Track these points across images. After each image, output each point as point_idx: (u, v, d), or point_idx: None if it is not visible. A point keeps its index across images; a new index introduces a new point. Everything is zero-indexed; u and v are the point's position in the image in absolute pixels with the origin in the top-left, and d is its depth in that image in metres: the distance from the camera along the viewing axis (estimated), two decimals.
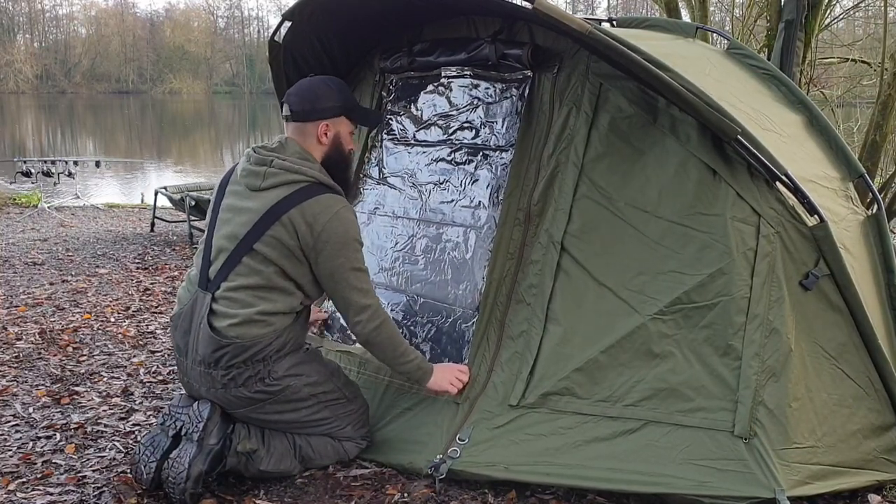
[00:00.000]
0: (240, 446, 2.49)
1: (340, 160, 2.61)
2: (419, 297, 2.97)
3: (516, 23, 2.83)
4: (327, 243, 2.43)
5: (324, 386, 2.57)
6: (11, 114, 39.53)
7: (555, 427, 2.49)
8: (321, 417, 2.59)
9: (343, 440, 2.64)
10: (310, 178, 2.48)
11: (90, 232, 8.04)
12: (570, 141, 2.64)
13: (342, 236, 2.44)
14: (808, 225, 2.44)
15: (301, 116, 2.55)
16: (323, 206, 2.44)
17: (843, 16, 7.82)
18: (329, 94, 2.56)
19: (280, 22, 3.09)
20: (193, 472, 2.39)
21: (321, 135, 2.55)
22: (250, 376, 2.45)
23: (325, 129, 2.55)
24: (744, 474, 2.27)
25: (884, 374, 2.53)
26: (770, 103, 3.07)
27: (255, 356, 2.44)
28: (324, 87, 2.58)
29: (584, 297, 2.56)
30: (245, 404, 2.49)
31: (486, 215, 2.84)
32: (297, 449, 2.59)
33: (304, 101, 2.55)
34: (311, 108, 2.54)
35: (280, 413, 2.54)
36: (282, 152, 2.53)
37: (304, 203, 2.43)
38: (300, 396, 2.53)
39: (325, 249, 2.43)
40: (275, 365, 2.47)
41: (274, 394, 2.49)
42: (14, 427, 3.05)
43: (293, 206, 2.42)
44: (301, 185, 2.46)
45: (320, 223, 2.42)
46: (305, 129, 2.55)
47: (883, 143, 5.05)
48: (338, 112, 2.57)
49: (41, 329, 4.32)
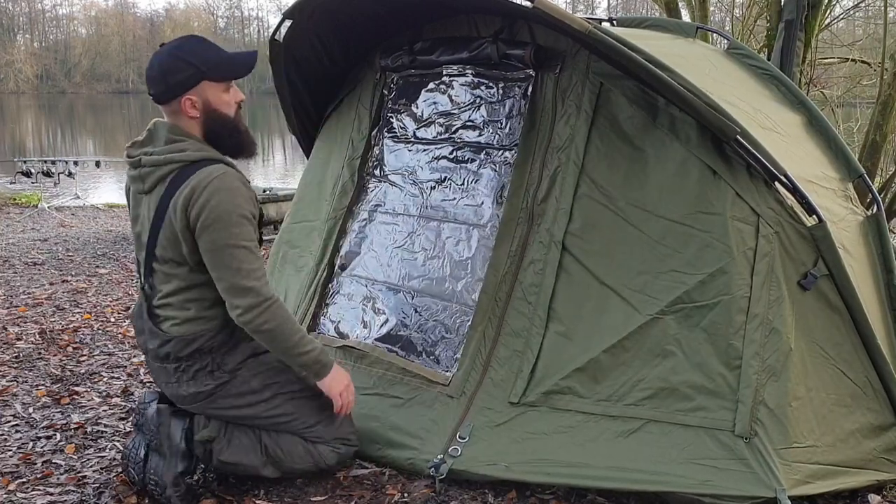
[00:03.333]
0: (197, 436, 2.43)
1: (222, 126, 2.40)
2: (418, 293, 2.97)
3: (517, 21, 2.84)
4: (201, 218, 2.25)
5: (280, 376, 2.45)
6: (11, 114, 39.53)
7: (556, 426, 2.50)
8: (283, 412, 2.46)
9: (316, 442, 2.49)
10: (178, 161, 2.31)
11: (90, 232, 8.04)
12: (571, 140, 2.64)
13: (216, 209, 2.24)
14: (807, 225, 2.44)
15: (160, 98, 2.36)
16: (196, 182, 2.26)
17: (843, 16, 7.82)
18: (177, 66, 2.33)
19: (281, 21, 3.09)
20: (168, 480, 2.40)
21: (188, 109, 2.34)
22: (198, 369, 2.38)
23: (190, 102, 2.34)
24: (745, 473, 2.27)
25: (883, 375, 2.54)
26: (770, 103, 3.07)
27: (201, 349, 2.37)
28: (170, 59, 2.34)
29: (585, 296, 2.56)
30: (199, 399, 2.42)
31: (489, 213, 2.85)
32: (264, 447, 2.47)
33: (157, 82, 2.34)
34: (164, 88, 2.33)
35: (237, 408, 2.44)
36: (149, 144, 2.38)
37: (178, 190, 2.28)
38: (252, 388, 2.42)
39: (202, 225, 2.25)
40: (225, 357, 2.39)
41: (223, 385, 2.40)
42: (14, 427, 3.05)
43: (170, 198, 2.29)
44: (174, 174, 2.31)
45: (195, 201, 2.25)
46: (173, 108, 2.36)
47: (883, 143, 5.04)
48: (195, 79, 2.33)
49: (41, 329, 4.32)
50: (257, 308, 2.28)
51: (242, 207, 2.28)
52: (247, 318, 2.29)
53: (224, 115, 2.40)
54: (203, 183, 2.25)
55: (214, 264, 2.28)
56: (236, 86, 2.45)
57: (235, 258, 2.26)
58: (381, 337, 3.00)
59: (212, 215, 2.24)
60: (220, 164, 2.33)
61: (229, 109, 2.42)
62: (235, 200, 2.26)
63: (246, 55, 2.48)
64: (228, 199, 2.25)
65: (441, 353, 2.82)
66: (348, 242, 3.25)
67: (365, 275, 3.15)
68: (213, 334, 2.37)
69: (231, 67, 2.41)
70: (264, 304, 2.29)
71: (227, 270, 2.27)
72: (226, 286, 2.29)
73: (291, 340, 2.35)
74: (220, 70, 2.38)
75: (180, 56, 2.34)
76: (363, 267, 3.17)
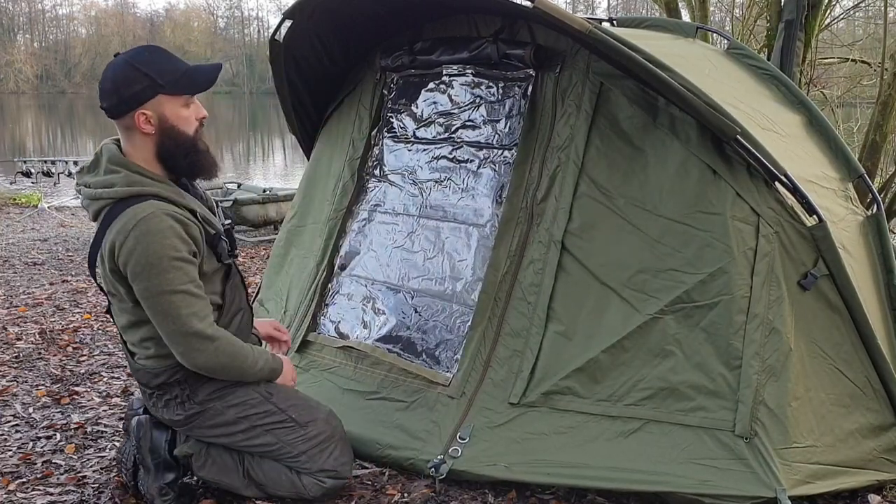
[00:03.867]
0: (176, 450, 2.40)
1: (178, 145, 2.22)
2: (417, 293, 2.97)
3: (517, 21, 2.84)
4: (129, 266, 2.11)
5: (257, 408, 2.33)
6: (11, 114, 39.54)
7: (556, 426, 2.49)
8: (263, 443, 2.36)
9: (301, 472, 2.38)
10: (106, 198, 2.17)
11: (90, 232, 8.04)
12: (571, 140, 2.64)
13: (143, 255, 2.09)
14: (807, 225, 2.44)
15: (112, 113, 2.19)
16: (120, 226, 2.12)
17: (843, 16, 7.82)
18: (133, 77, 2.15)
19: (281, 21, 3.09)
20: (154, 492, 2.39)
21: (142, 125, 2.17)
22: (169, 399, 2.32)
23: (144, 117, 2.17)
24: (745, 473, 2.27)
25: (883, 375, 2.53)
26: (770, 103, 3.07)
27: (168, 381, 2.30)
28: (126, 69, 2.16)
29: (585, 296, 2.56)
30: (175, 425, 2.38)
31: (488, 213, 2.85)
32: (245, 470, 2.41)
33: (109, 95, 2.17)
34: (117, 101, 2.16)
35: (214, 437, 2.37)
36: (92, 171, 2.25)
37: (107, 230, 2.15)
38: (227, 420, 2.33)
39: (132, 273, 2.12)
40: (195, 388, 2.30)
41: (195, 416, 2.32)
42: (14, 427, 3.05)
43: (102, 236, 2.17)
44: (106, 209, 2.18)
45: (121, 248, 2.11)
46: (126, 123, 2.19)
47: (883, 143, 5.04)
48: (151, 93, 2.16)
49: (41, 329, 4.32)
50: (201, 352, 2.19)
51: (174, 249, 2.12)
52: (194, 363, 2.21)
53: (181, 132, 2.22)
54: (127, 227, 2.10)
55: (151, 312, 2.17)
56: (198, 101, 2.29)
57: (172, 304, 2.13)
58: (381, 337, 3.00)
59: (140, 262, 2.10)
60: (150, 199, 2.14)
61: (188, 126, 2.24)
62: (165, 243, 2.10)
63: (208, 68, 2.31)
64: (156, 242, 2.10)
65: (441, 354, 2.82)
66: (348, 242, 3.25)
67: (364, 275, 3.15)
68: (178, 367, 2.27)
69: (191, 81, 2.23)
70: (209, 346, 2.19)
71: (164, 318, 2.15)
72: (165, 333, 2.18)
73: (242, 367, 2.28)
74: (179, 84, 2.20)
75: (135, 66, 2.16)
76: (363, 267, 3.17)
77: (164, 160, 2.24)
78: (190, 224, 2.19)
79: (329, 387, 2.92)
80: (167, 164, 2.25)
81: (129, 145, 2.24)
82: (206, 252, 2.26)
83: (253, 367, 2.31)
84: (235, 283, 2.40)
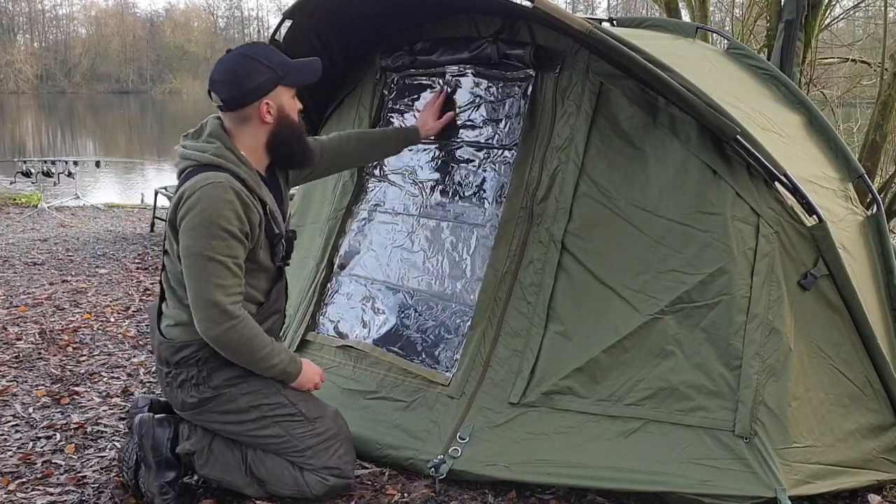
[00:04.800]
0: (178, 448, 2.39)
1: (291, 133, 2.36)
2: (417, 293, 2.97)
3: (517, 21, 2.84)
4: (184, 221, 2.19)
5: (270, 398, 2.36)
6: (11, 114, 39.53)
7: (556, 426, 2.50)
8: (271, 434, 2.37)
9: (305, 469, 2.39)
10: (193, 160, 2.27)
11: (90, 232, 8.04)
12: (571, 140, 2.64)
13: (198, 215, 2.17)
14: (807, 225, 2.44)
15: (233, 104, 2.29)
16: (191, 183, 2.21)
17: (843, 16, 7.83)
18: (256, 69, 2.27)
19: (281, 21, 3.09)
20: (154, 490, 2.39)
21: (264, 115, 2.30)
22: (185, 380, 2.34)
23: (267, 107, 2.30)
24: (745, 473, 2.27)
25: (883, 375, 2.54)
26: (770, 103, 3.07)
27: (188, 359, 2.32)
28: (247, 62, 2.28)
29: (585, 296, 2.56)
30: (187, 407, 2.39)
31: (488, 213, 2.85)
32: (248, 466, 2.41)
33: (232, 86, 2.28)
34: (240, 93, 2.28)
35: (223, 424, 2.39)
36: (191, 138, 2.35)
37: (182, 187, 2.25)
38: (239, 407, 2.35)
39: (183, 229, 2.20)
40: (212, 372, 2.33)
41: (208, 401, 2.34)
42: (14, 427, 3.05)
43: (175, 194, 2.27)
44: (188, 171, 2.28)
45: (184, 202, 2.20)
46: (244, 114, 2.31)
47: (883, 143, 5.04)
48: (272, 84, 2.29)
49: (41, 329, 4.32)
50: (218, 325, 2.21)
51: (227, 221, 2.18)
52: (207, 334, 2.23)
53: (294, 121, 2.36)
54: (196, 186, 2.20)
55: (186, 271, 2.22)
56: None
57: (205, 269, 2.18)
58: (380, 337, 3.00)
59: (193, 221, 2.18)
60: (227, 172, 2.24)
61: (296, 116, 2.38)
62: (221, 211, 2.18)
63: (314, 61, 2.42)
64: (213, 208, 2.17)
65: (441, 354, 2.82)
66: (347, 242, 3.25)
67: (364, 274, 3.15)
68: (203, 345, 2.30)
69: (303, 73, 2.38)
70: (227, 322, 2.22)
71: (194, 280, 2.20)
72: (192, 295, 2.23)
73: (256, 356, 2.30)
74: (292, 76, 2.33)
75: (256, 59, 2.28)
76: (362, 266, 3.17)
77: (275, 149, 2.35)
78: (252, 209, 2.27)
79: (328, 386, 2.90)
80: (278, 153, 2.36)
81: (237, 132, 2.33)
82: (263, 245, 2.33)
83: (267, 360, 2.32)
84: (280, 288, 2.48)
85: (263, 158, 2.39)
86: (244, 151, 2.32)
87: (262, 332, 2.32)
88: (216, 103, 2.33)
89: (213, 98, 2.33)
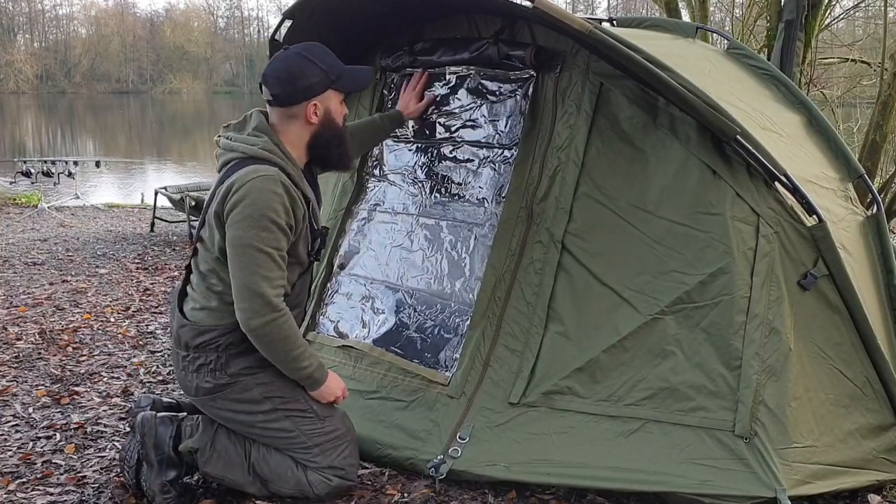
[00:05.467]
0: (181, 446, 2.40)
1: (333, 136, 2.41)
2: (417, 292, 2.97)
3: (517, 22, 2.84)
4: (233, 212, 2.23)
5: (283, 392, 2.38)
6: (11, 114, 39.55)
7: (555, 426, 2.50)
8: (281, 428, 2.39)
9: (309, 468, 2.40)
10: (241, 153, 2.32)
11: (90, 232, 8.04)
12: (571, 140, 2.64)
13: (248, 207, 2.22)
14: (807, 225, 2.44)
15: (283, 101, 2.35)
16: (240, 175, 2.25)
17: (843, 16, 7.83)
18: (310, 70, 2.34)
19: (281, 21, 3.09)
20: (156, 488, 2.39)
21: (310, 115, 2.36)
22: (202, 364, 2.35)
23: (314, 108, 2.36)
24: (745, 473, 2.27)
25: (883, 375, 2.53)
26: (770, 103, 3.07)
27: (209, 343, 2.34)
28: (302, 62, 2.34)
29: (585, 296, 2.56)
30: (200, 393, 2.39)
31: (488, 212, 2.85)
32: (251, 464, 2.41)
33: (284, 83, 2.33)
34: (292, 91, 2.33)
35: (234, 412, 2.39)
36: (236, 129, 2.40)
37: (228, 179, 2.28)
38: (253, 397, 2.36)
39: (231, 220, 2.24)
40: (231, 360, 2.35)
41: (223, 387, 2.36)
42: (14, 427, 3.05)
43: (223, 184, 2.29)
44: (234, 162, 2.32)
45: (233, 194, 2.24)
46: (292, 112, 2.36)
47: (883, 143, 5.04)
48: (324, 86, 2.36)
49: (41, 329, 4.32)
50: (261, 316, 2.24)
51: (275, 213, 2.23)
52: (248, 323, 2.25)
53: (338, 125, 2.41)
54: (246, 178, 2.24)
55: (232, 261, 2.26)
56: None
57: (253, 260, 2.22)
58: (380, 336, 3.00)
59: (243, 212, 2.22)
60: (276, 167, 2.29)
61: (341, 120, 2.43)
62: (270, 204, 2.22)
63: (365, 70, 2.51)
64: (263, 200, 2.22)
65: (440, 353, 2.81)
66: (347, 242, 3.25)
67: (364, 274, 3.15)
68: (225, 331, 2.33)
69: (354, 79, 2.45)
70: (270, 315, 2.24)
71: (241, 270, 2.24)
72: (237, 284, 2.26)
73: (290, 355, 2.32)
74: (344, 81, 2.39)
75: (311, 60, 2.34)
76: (362, 266, 3.17)
77: (316, 149, 2.41)
78: (298, 203, 2.31)
79: None
80: (318, 153, 2.42)
81: (282, 128, 2.38)
82: (304, 238, 2.38)
83: (298, 360, 2.34)
84: (305, 281, 2.51)
85: (304, 156, 2.44)
86: (287, 145, 2.37)
87: (299, 332, 2.36)
88: (266, 97, 2.38)
89: (264, 92, 2.38)
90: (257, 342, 2.29)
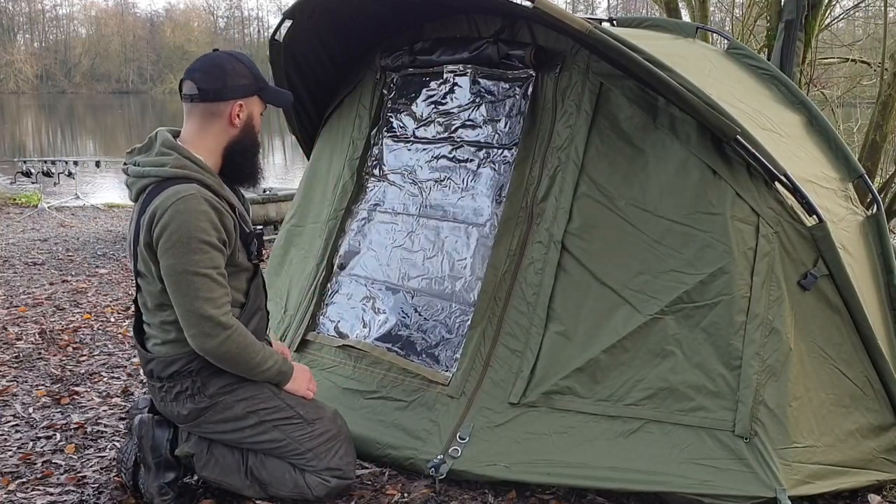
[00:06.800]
0: (178, 450, 2.39)
1: (251, 145, 2.37)
2: (417, 293, 2.97)
3: (517, 22, 2.84)
4: (161, 240, 2.17)
5: (267, 403, 2.36)
6: (11, 114, 39.54)
7: (555, 426, 2.49)
8: (270, 439, 2.37)
9: (306, 471, 2.39)
10: (154, 176, 2.23)
11: (90, 232, 8.04)
12: (571, 140, 2.64)
13: (175, 233, 2.15)
14: (807, 225, 2.44)
15: (211, 95, 2.27)
16: (160, 201, 2.18)
17: (843, 16, 7.82)
18: (242, 71, 2.31)
19: (281, 21, 3.10)
20: (154, 491, 2.39)
21: (234, 116, 2.30)
22: (179, 392, 2.32)
23: (239, 109, 2.31)
24: (745, 473, 2.27)
25: (883, 375, 2.54)
26: (770, 103, 3.07)
27: (181, 371, 2.30)
28: (234, 62, 2.32)
29: (585, 296, 2.56)
30: (183, 420, 2.37)
31: (488, 212, 2.85)
32: (249, 469, 2.40)
33: (214, 79, 2.27)
34: (221, 86, 2.28)
35: (221, 433, 2.37)
36: (143, 153, 2.32)
37: (149, 206, 2.21)
38: (236, 414, 2.34)
39: (162, 248, 2.18)
40: (207, 381, 2.31)
41: (204, 410, 2.33)
42: (14, 427, 3.05)
43: (143, 213, 2.21)
44: (150, 187, 2.24)
45: (157, 222, 2.17)
46: (216, 109, 2.29)
47: (883, 143, 5.04)
48: (251, 90, 2.33)
49: (41, 329, 4.32)
50: (213, 338, 2.21)
51: (205, 233, 2.17)
52: (203, 347, 2.23)
53: (257, 136, 2.40)
54: (167, 203, 2.17)
55: (171, 289, 2.21)
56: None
57: (192, 285, 2.17)
58: (380, 336, 3.00)
59: (171, 238, 2.16)
60: (193, 183, 2.22)
61: (258, 133, 2.41)
62: (198, 224, 2.16)
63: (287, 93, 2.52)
64: (190, 222, 2.15)
65: (440, 353, 2.82)
66: (347, 242, 3.25)
67: (364, 274, 3.15)
68: (193, 356, 2.29)
69: (277, 95, 2.44)
70: (222, 334, 2.21)
71: (183, 297, 2.19)
72: (181, 312, 2.22)
73: (252, 362, 2.30)
74: (268, 93, 2.39)
75: (244, 63, 2.33)
76: (362, 266, 3.17)
77: (232, 155, 2.35)
78: (225, 214, 2.26)
79: (328, 386, 2.92)
80: (233, 160, 2.35)
81: (199, 131, 2.31)
82: (239, 247, 2.32)
83: (261, 364, 2.33)
84: (258, 285, 2.46)
85: (218, 163, 2.36)
86: (202, 154, 2.30)
87: (254, 338, 2.32)
88: (189, 92, 2.30)
89: (187, 87, 2.30)
90: (217, 362, 2.27)
